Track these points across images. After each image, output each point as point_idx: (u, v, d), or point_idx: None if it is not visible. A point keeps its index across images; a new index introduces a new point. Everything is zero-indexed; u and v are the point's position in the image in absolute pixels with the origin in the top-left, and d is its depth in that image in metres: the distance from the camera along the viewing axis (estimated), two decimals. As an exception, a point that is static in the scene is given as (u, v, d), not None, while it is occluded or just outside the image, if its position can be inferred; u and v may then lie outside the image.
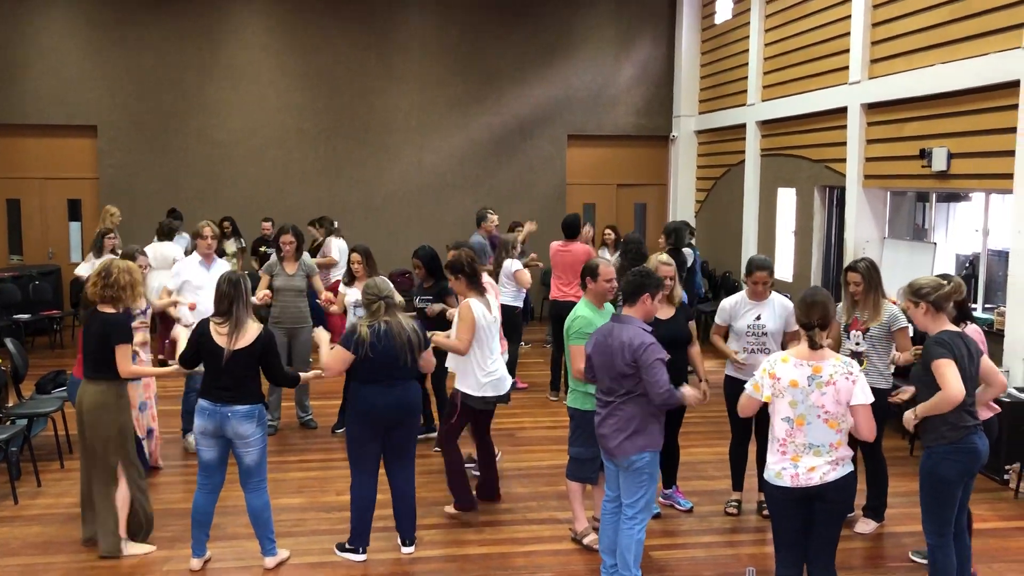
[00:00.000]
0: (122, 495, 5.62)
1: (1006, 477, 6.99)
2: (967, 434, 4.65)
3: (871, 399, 4.24)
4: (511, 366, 9.82)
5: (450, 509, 6.37)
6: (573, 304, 9.35)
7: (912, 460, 7.26)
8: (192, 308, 7.47)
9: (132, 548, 5.68)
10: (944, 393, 4.49)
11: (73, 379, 6.27)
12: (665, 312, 6.07)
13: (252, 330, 5.31)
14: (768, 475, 4.36)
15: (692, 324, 6.39)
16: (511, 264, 9.32)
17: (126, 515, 5.66)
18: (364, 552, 5.66)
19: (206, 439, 5.33)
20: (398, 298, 5.72)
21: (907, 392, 5.14)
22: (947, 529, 4.72)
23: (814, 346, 4.28)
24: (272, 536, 5.52)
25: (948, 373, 4.49)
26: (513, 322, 9.17)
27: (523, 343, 11.02)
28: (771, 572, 5.48)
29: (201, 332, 5.35)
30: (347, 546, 5.67)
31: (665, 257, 6.35)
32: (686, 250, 10.21)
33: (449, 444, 6.35)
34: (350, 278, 7.92)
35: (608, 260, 6.17)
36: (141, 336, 6.52)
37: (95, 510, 5.65)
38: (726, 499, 6.61)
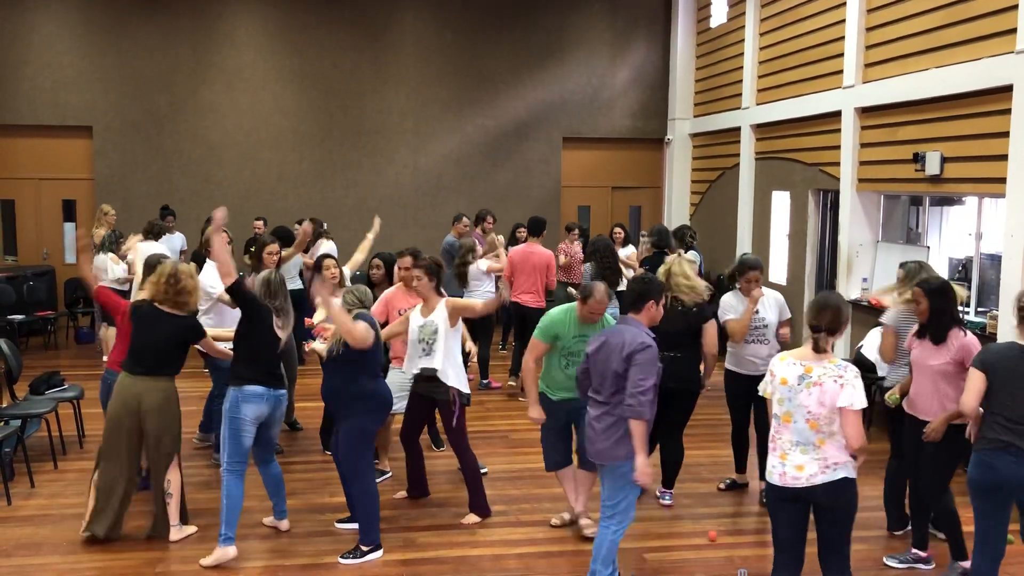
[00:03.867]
0: (179, 482, 5.89)
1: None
2: (989, 448, 4.63)
3: (862, 404, 4.19)
4: (483, 365, 9.95)
5: (472, 518, 6.29)
6: (532, 308, 9.51)
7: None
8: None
9: (185, 531, 5.93)
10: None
11: (110, 372, 6.35)
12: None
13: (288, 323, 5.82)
14: (766, 473, 4.42)
15: (712, 326, 6.46)
16: (480, 264, 9.53)
17: (179, 501, 5.91)
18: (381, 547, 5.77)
19: (252, 426, 5.61)
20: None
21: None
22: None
23: (818, 349, 4.30)
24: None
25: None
26: (483, 323, 9.36)
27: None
28: (764, 574, 5.51)
29: (265, 321, 5.62)
30: (363, 549, 5.66)
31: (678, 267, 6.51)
32: (692, 253, 10.32)
33: (465, 447, 6.32)
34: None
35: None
36: None
37: (155, 498, 5.89)
38: (721, 501, 6.69)
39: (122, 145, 14.08)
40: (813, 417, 4.22)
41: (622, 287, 9.68)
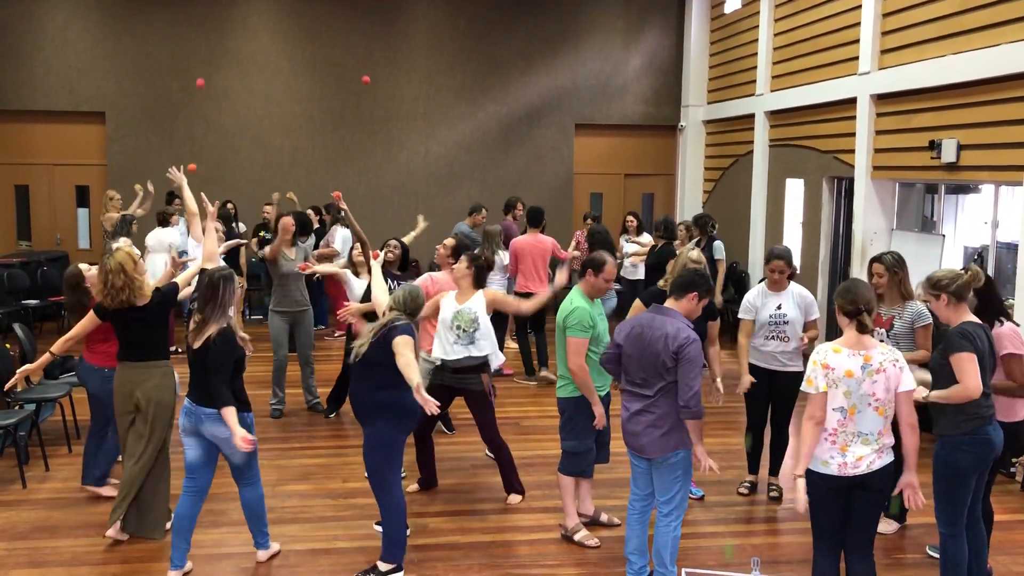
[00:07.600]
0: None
1: (1012, 470, 6.98)
2: (982, 424, 4.67)
3: (915, 386, 4.32)
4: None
5: (515, 499, 6.36)
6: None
7: (923, 453, 7.25)
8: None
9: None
10: (962, 387, 4.54)
11: (83, 363, 6.20)
12: None
13: (211, 332, 4.99)
14: (814, 464, 4.34)
15: (716, 324, 6.29)
16: (505, 256, 9.51)
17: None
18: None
19: (187, 437, 5.14)
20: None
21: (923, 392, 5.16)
22: (960, 520, 4.73)
23: (864, 329, 4.29)
24: (265, 529, 5.44)
25: (969, 368, 4.53)
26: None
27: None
28: (775, 562, 5.51)
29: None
30: (381, 568, 5.20)
31: (696, 254, 6.22)
32: (717, 243, 10.29)
33: (496, 431, 6.31)
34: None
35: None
36: None
37: (146, 494, 5.61)
38: (733, 489, 6.68)
39: (135, 131, 14.11)
40: (881, 404, 4.26)
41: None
